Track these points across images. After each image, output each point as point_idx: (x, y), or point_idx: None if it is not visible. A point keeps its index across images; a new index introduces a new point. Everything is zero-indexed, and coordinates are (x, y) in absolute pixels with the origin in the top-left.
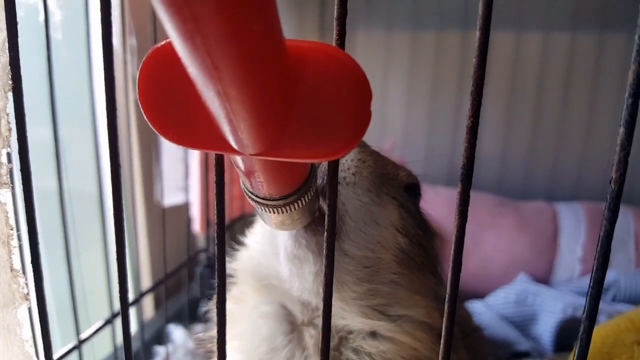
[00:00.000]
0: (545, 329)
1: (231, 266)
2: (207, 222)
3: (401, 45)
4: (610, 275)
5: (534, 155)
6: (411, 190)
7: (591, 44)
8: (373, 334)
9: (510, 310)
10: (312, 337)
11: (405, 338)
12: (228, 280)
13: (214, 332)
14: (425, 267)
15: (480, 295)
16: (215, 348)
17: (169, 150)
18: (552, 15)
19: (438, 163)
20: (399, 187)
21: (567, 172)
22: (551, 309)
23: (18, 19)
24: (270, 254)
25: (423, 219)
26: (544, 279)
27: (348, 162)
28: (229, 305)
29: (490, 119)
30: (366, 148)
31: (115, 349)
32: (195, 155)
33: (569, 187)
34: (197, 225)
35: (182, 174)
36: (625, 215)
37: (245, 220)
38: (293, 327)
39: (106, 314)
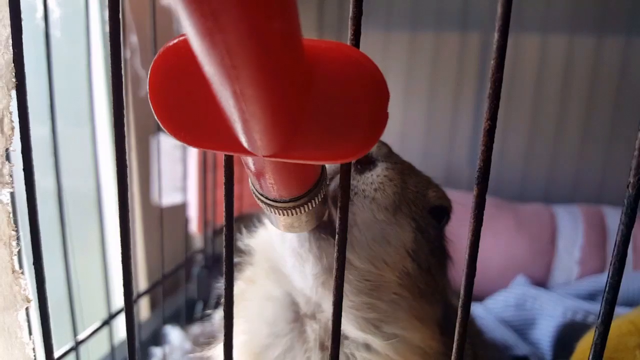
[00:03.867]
0: (545, 333)
1: (247, 242)
2: (204, 223)
3: (399, 46)
4: (606, 276)
5: (532, 157)
6: (439, 212)
7: (589, 46)
8: (367, 346)
9: (509, 314)
10: (314, 331)
11: (397, 357)
12: (240, 259)
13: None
14: (429, 295)
15: (478, 297)
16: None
17: (167, 150)
18: (550, 18)
19: (435, 164)
20: (424, 208)
21: (565, 174)
22: (551, 313)
23: None
24: (281, 240)
25: (441, 245)
26: (542, 281)
27: (373, 176)
28: (242, 286)
29: None
30: (397, 165)
31: (112, 349)
32: (193, 156)
33: (567, 190)
34: (194, 226)
35: (180, 174)
36: None
37: (243, 221)
38: (296, 315)
39: (101, 315)
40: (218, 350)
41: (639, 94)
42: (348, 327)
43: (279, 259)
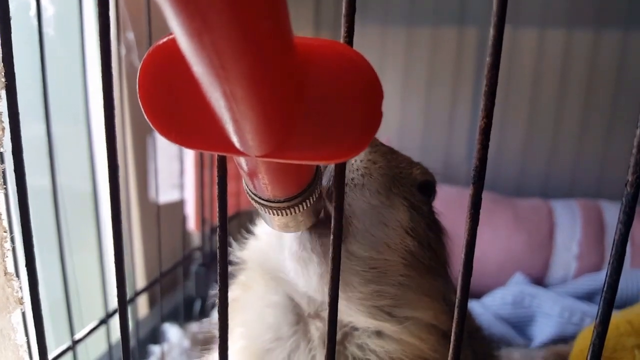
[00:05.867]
0: (542, 331)
1: (239, 255)
2: (202, 220)
3: (396, 40)
4: (604, 275)
5: (530, 152)
6: (425, 188)
7: (587, 40)
8: (379, 333)
9: (507, 312)
10: (317, 329)
11: (411, 339)
12: (235, 267)
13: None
14: (434, 270)
15: (476, 293)
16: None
17: (164, 147)
18: (548, 12)
19: (433, 159)
20: (412, 186)
21: (562, 169)
22: (548, 311)
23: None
24: (277, 247)
25: (435, 219)
26: (540, 276)
27: (357, 162)
28: (237, 292)
29: None
30: (378, 148)
31: (110, 348)
32: (190, 153)
33: (565, 184)
34: (192, 224)
35: (177, 172)
36: None
37: (239, 219)
38: (299, 318)
39: (98, 314)
40: (215, 354)
41: (637, 89)
42: (358, 318)
43: (276, 266)
